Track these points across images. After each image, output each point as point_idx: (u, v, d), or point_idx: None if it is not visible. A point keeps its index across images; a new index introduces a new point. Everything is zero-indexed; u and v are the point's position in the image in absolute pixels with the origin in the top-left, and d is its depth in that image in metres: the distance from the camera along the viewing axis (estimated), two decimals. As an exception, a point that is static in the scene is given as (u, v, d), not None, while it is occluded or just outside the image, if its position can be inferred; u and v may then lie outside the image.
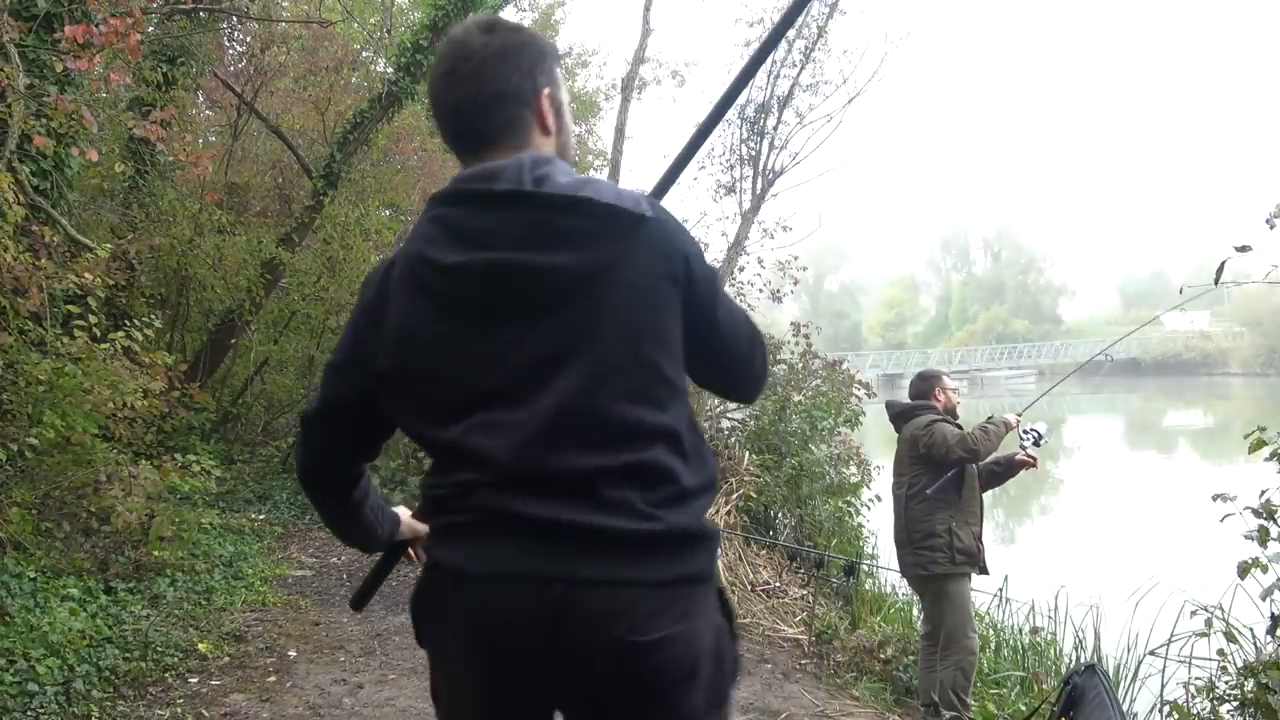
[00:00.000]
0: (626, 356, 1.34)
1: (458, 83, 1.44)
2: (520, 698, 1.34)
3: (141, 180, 8.48)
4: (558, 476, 1.31)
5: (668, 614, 1.31)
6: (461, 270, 1.35)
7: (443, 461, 1.41)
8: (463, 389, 1.36)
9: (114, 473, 5.00)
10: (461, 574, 1.35)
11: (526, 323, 1.34)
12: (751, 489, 7.44)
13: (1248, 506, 3.46)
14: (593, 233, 1.34)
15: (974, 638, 4.48)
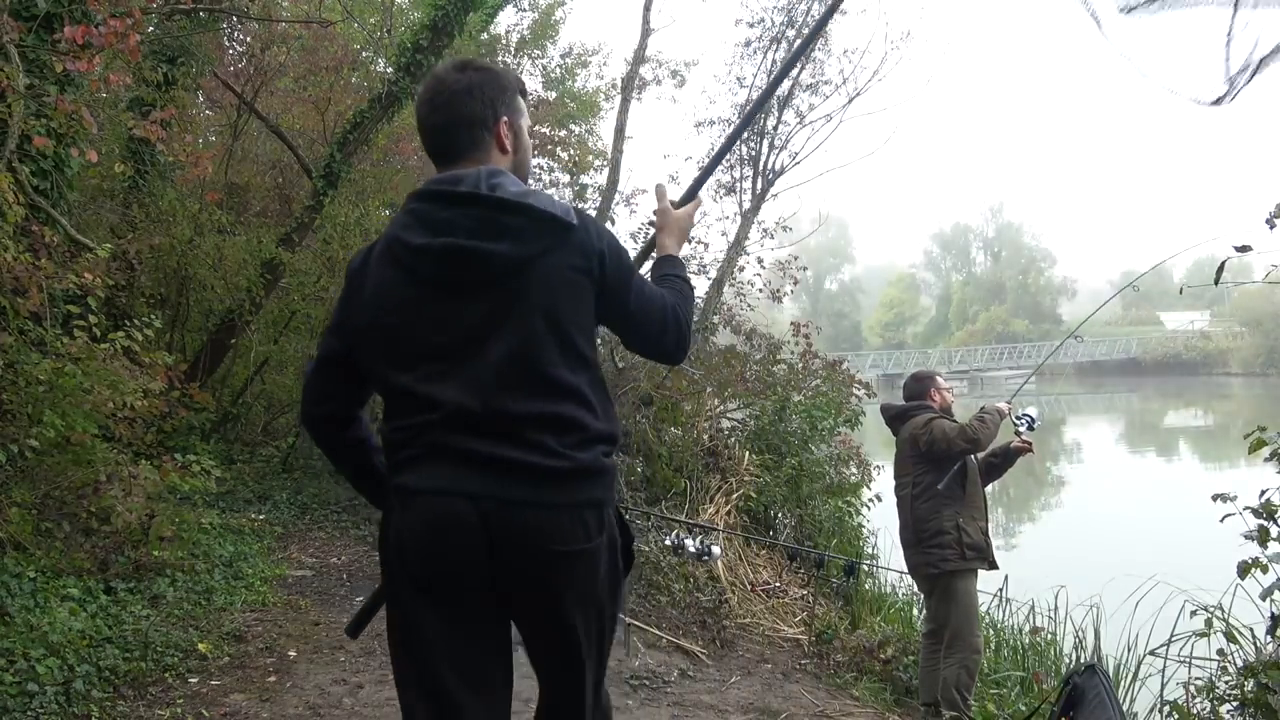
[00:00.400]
0: (547, 328, 1.74)
1: (434, 109, 1.88)
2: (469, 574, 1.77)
3: (141, 180, 8.47)
4: (492, 419, 1.72)
5: (576, 527, 1.76)
6: (425, 250, 1.75)
7: (399, 404, 1.78)
8: (419, 344, 1.76)
9: (114, 473, 5.00)
10: (411, 490, 1.74)
11: (473, 295, 1.74)
12: (751, 489, 7.44)
13: (1248, 506, 3.46)
14: (529, 231, 1.74)
15: (980, 636, 4.48)
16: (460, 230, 1.74)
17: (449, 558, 1.75)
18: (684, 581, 6.17)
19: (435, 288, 1.76)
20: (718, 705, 4.42)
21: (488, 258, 1.72)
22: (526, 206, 1.75)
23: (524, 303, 1.73)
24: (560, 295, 1.75)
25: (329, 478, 8.70)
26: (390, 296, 1.78)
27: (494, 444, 1.72)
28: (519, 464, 1.72)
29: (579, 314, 1.79)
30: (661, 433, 7.71)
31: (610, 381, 7.42)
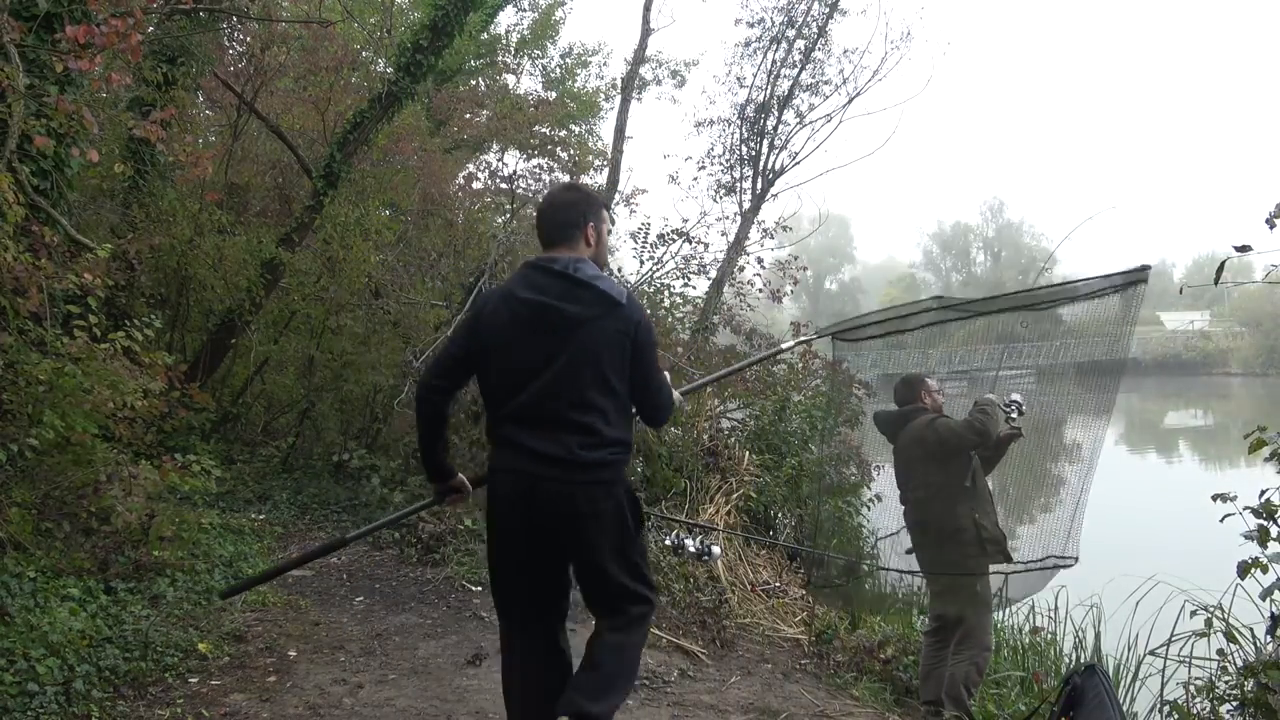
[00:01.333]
0: (590, 365, 2.73)
1: (546, 211, 2.95)
2: (519, 529, 2.82)
3: (141, 180, 8.46)
4: (540, 420, 2.74)
5: (587, 498, 2.75)
6: (526, 302, 2.77)
7: (492, 398, 2.84)
8: (511, 362, 2.78)
9: (114, 473, 5.00)
10: (494, 467, 2.88)
11: (549, 336, 2.74)
12: (751, 489, 7.44)
13: (1248, 506, 3.46)
14: (591, 301, 2.75)
15: (992, 635, 4.49)
16: (550, 293, 2.75)
17: (512, 513, 2.82)
18: (684, 581, 6.17)
19: (527, 327, 2.75)
20: (718, 705, 4.42)
21: (562, 313, 2.73)
22: (593, 286, 2.77)
23: (579, 346, 2.72)
24: (603, 345, 2.74)
25: (329, 478, 8.70)
26: (501, 327, 2.79)
27: (538, 439, 2.73)
28: (551, 455, 2.72)
29: (615, 360, 2.76)
30: (661, 433, 7.71)
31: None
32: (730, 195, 14.66)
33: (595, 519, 2.75)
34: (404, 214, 10.82)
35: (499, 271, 7.97)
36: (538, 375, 2.73)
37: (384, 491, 7.52)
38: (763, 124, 14.37)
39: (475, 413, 7.63)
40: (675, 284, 9.29)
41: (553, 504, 2.73)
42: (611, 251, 13.53)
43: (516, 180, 11.60)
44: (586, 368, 2.72)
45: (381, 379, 8.79)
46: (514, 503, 2.79)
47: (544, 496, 2.73)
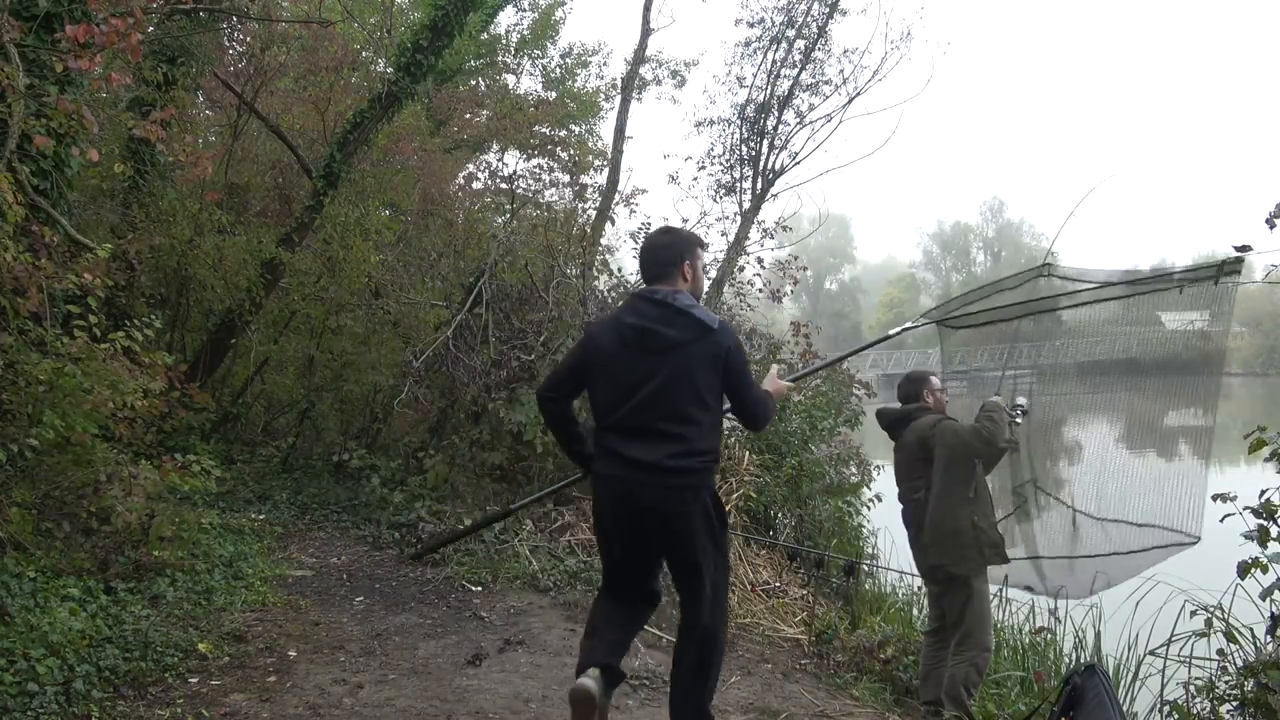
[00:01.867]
0: (685, 382, 3.11)
1: (647, 253, 3.36)
2: (617, 528, 3.24)
3: (141, 180, 8.47)
4: (638, 430, 3.12)
5: (677, 500, 3.11)
6: (631, 326, 3.18)
7: (599, 411, 3.23)
8: (616, 378, 3.17)
9: (114, 473, 5.00)
10: (598, 474, 3.25)
11: (649, 356, 3.13)
12: (751, 489, 7.44)
13: (1248, 506, 3.46)
14: (687, 327, 3.14)
15: (991, 636, 4.48)
16: (651, 319, 3.16)
17: (611, 514, 3.23)
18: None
19: (631, 348, 3.16)
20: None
21: (662, 336, 3.13)
22: (689, 313, 3.16)
23: (675, 365, 3.11)
24: (697, 365, 3.12)
25: (329, 478, 8.71)
26: (607, 348, 3.22)
27: (636, 447, 3.11)
28: (646, 462, 3.10)
29: (707, 379, 3.14)
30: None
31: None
32: (730, 195, 14.67)
33: (684, 520, 3.13)
34: (404, 214, 10.82)
35: (499, 271, 7.97)
36: (638, 390, 3.12)
37: (384, 491, 7.52)
38: (763, 124, 14.38)
39: (475, 413, 7.64)
40: (675, 284, 9.26)
41: (646, 507, 3.13)
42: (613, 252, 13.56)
43: (516, 180, 11.59)
44: (682, 385, 3.11)
45: (381, 379, 8.79)
46: (613, 505, 3.22)
47: (639, 500, 3.14)
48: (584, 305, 7.75)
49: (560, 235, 8.53)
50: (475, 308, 7.90)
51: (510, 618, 5.45)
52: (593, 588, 5.97)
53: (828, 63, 14.43)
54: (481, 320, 7.84)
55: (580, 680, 3.09)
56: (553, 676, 4.58)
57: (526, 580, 6.03)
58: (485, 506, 6.96)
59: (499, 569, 6.15)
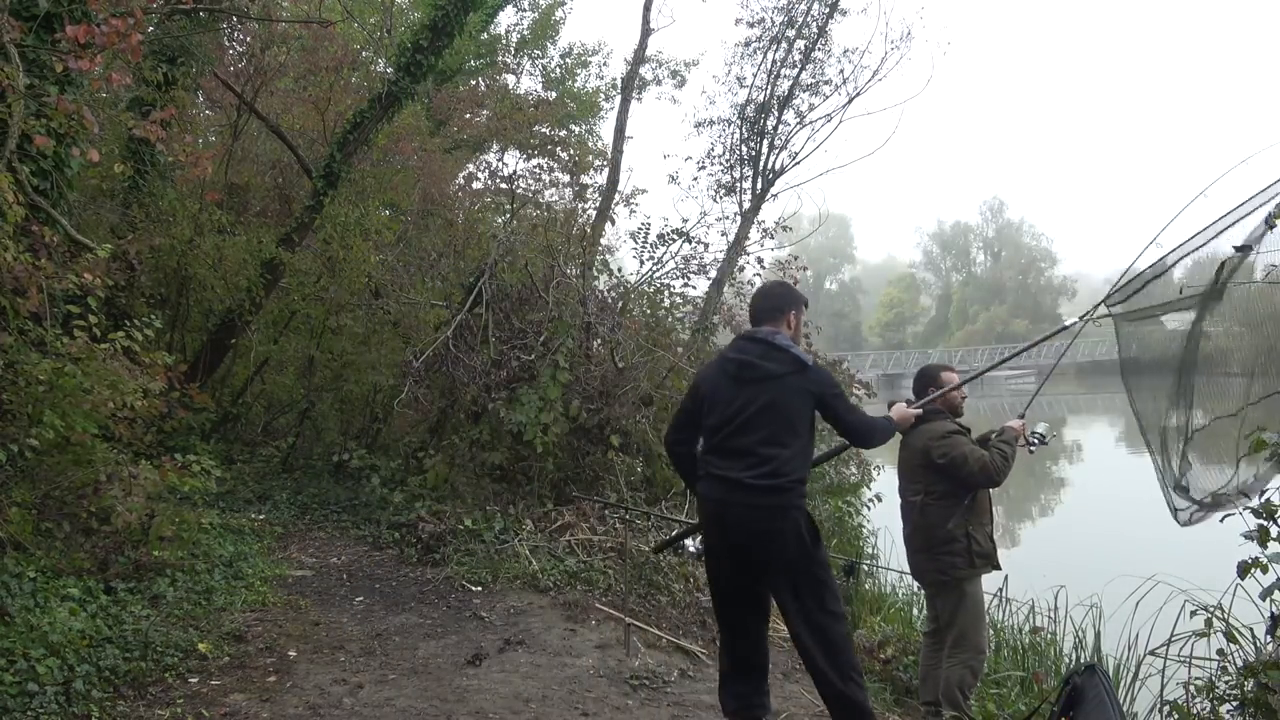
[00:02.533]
0: (778, 411, 3.44)
1: (759, 298, 3.76)
2: (719, 545, 3.53)
3: (141, 180, 8.47)
4: (734, 452, 3.44)
5: (768, 517, 3.39)
6: (733, 360, 3.57)
7: (707, 439, 3.57)
8: (720, 408, 3.52)
9: (114, 473, 5.00)
10: (700, 495, 3.58)
11: (748, 385, 3.49)
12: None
13: (1248, 506, 3.46)
14: (785, 362, 3.49)
15: (985, 638, 4.46)
16: (752, 354, 3.54)
17: (713, 532, 3.55)
18: (684, 581, 6.17)
19: (733, 379, 3.53)
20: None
21: (761, 369, 3.49)
22: (788, 351, 3.52)
23: (772, 396, 3.45)
24: (792, 397, 3.46)
25: (329, 478, 8.71)
26: (713, 380, 3.61)
27: (731, 468, 3.44)
28: (739, 481, 3.41)
29: (800, 409, 3.47)
30: (662, 433, 7.71)
31: (610, 382, 7.43)
32: (730, 195, 14.62)
33: (778, 536, 3.38)
34: (404, 214, 10.82)
35: (499, 271, 7.97)
36: (736, 417, 3.47)
37: (384, 491, 7.53)
38: (763, 124, 14.34)
39: (475, 413, 7.64)
40: (675, 284, 9.27)
41: (741, 524, 3.42)
42: (613, 251, 13.56)
43: (516, 180, 11.59)
44: (774, 412, 3.43)
45: (381, 379, 8.79)
46: (714, 523, 3.53)
47: (734, 518, 3.43)
48: (584, 305, 7.75)
49: (560, 235, 8.53)
50: (475, 308, 7.90)
51: (510, 618, 5.45)
52: (593, 588, 5.97)
53: (828, 63, 14.39)
54: (481, 320, 7.83)
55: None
56: (553, 676, 4.58)
57: (526, 580, 6.03)
58: (485, 506, 6.95)
59: (499, 569, 6.15)
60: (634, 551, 6.32)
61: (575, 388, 7.24)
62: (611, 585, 6.01)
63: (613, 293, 8.73)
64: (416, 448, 8.15)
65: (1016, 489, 16.20)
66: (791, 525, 3.38)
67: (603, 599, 5.78)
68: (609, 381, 7.44)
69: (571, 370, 7.16)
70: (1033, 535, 13.95)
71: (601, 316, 7.84)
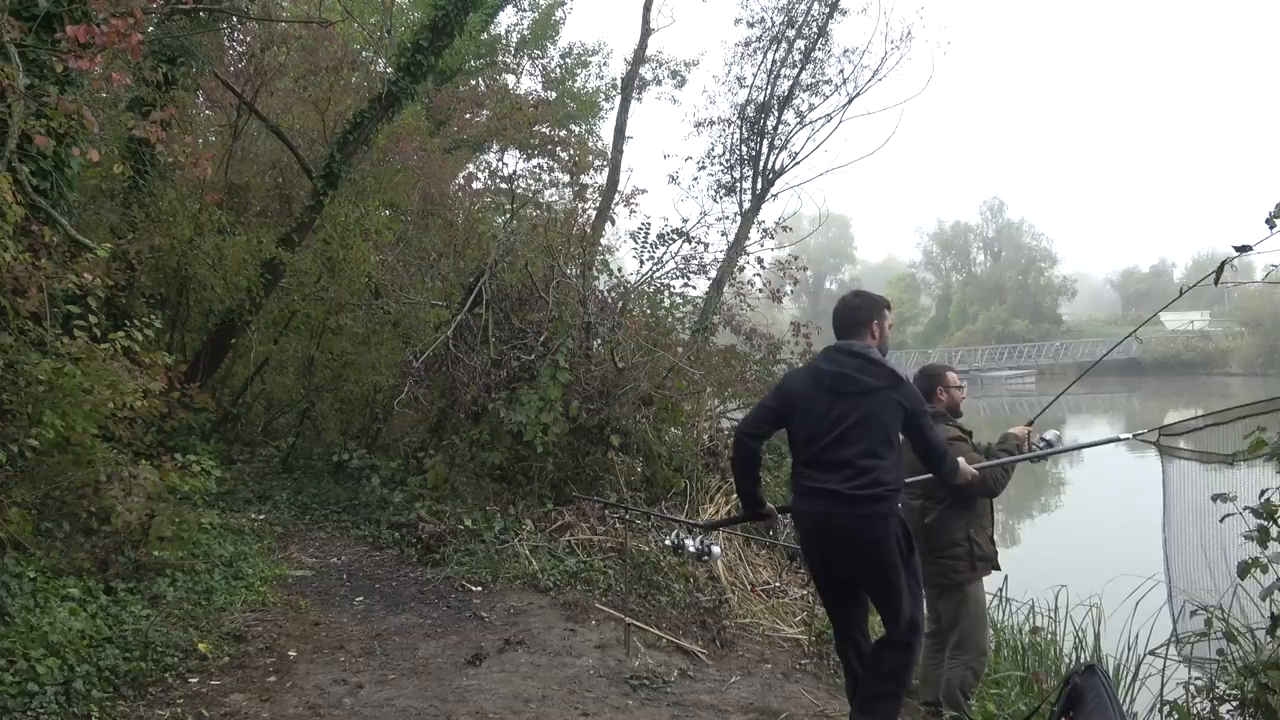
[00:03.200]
0: (875, 423, 3.51)
1: (842, 311, 3.76)
2: (818, 552, 3.66)
3: (141, 180, 8.46)
4: (829, 463, 3.50)
5: (868, 526, 3.46)
6: (828, 372, 3.60)
7: (797, 449, 3.64)
8: (813, 418, 3.57)
9: (114, 473, 5.00)
10: (796, 510, 3.69)
11: (844, 398, 3.53)
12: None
13: (1248, 506, 3.46)
14: (880, 376, 3.56)
15: (987, 639, 4.46)
16: (848, 367, 3.59)
17: (812, 541, 3.68)
18: (684, 581, 6.16)
19: (828, 391, 3.57)
20: (718, 705, 4.42)
21: (858, 381, 3.55)
22: (884, 365, 3.62)
23: (868, 408, 3.52)
24: (887, 410, 3.54)
25: (329, 478, 8.70)
26: (805, 390, 3.64)
27: (830, 479, 3.50)
28: (835, 492, 3.48)
29: (892, 422, 3.56)
30: (661, 433, 7.71)
31: (610, 382, 7.42)
32: (730, 195, 14.63)
33: (877, 544, 3.49)
34: (404, 214, 10.82)
35: (499, 271, 7.97)
36: (833, 429, 3.53)
37: (384, 491, 7.52)
38: (763, 124, 14.35)
39: (475, 413, 7.63)
40: (675, 284, 9.26)
41: (841, 532, 3.54)
42: (613, 252, 13.54)
43: (516, 180, 11.59)
44: (872, 424, 3.52)
45: (381, 379, 8.79)
46: (813, 533, 3.66)
47: (834, 527, 3.55)
48: (584, 305, 7.75)
49: (560, 235, 8.52)
50: (475, 308, 7.90)
51: (510, 618, 5.45)
52: (593, 588, 5.98)
53: (828, 63, 14.41)
54: (481, 320, 7.83)
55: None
56: (553, 676, 4.58)
57: (526, 580, 6.03)
58: (485, 506, 6.95)
59: (499, 569, 6.15)
60: (634, 551, 6.32)
61: (575, 388, 7.24)
62: (611, 585, 6.01)
63: (613, 293, 8.72)
64: (416, 448, 8.15)
65: (1016, 489, 16.12)
66: (892, 533, 3.50)
67: (603, 599, 5.78)
68: (609, 381, 7.43)
69: (571, 370, 7.16)
70: (1033, 535, 13.94)
71: (601, 316, 7.83)
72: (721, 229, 13.94)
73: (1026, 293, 65.65)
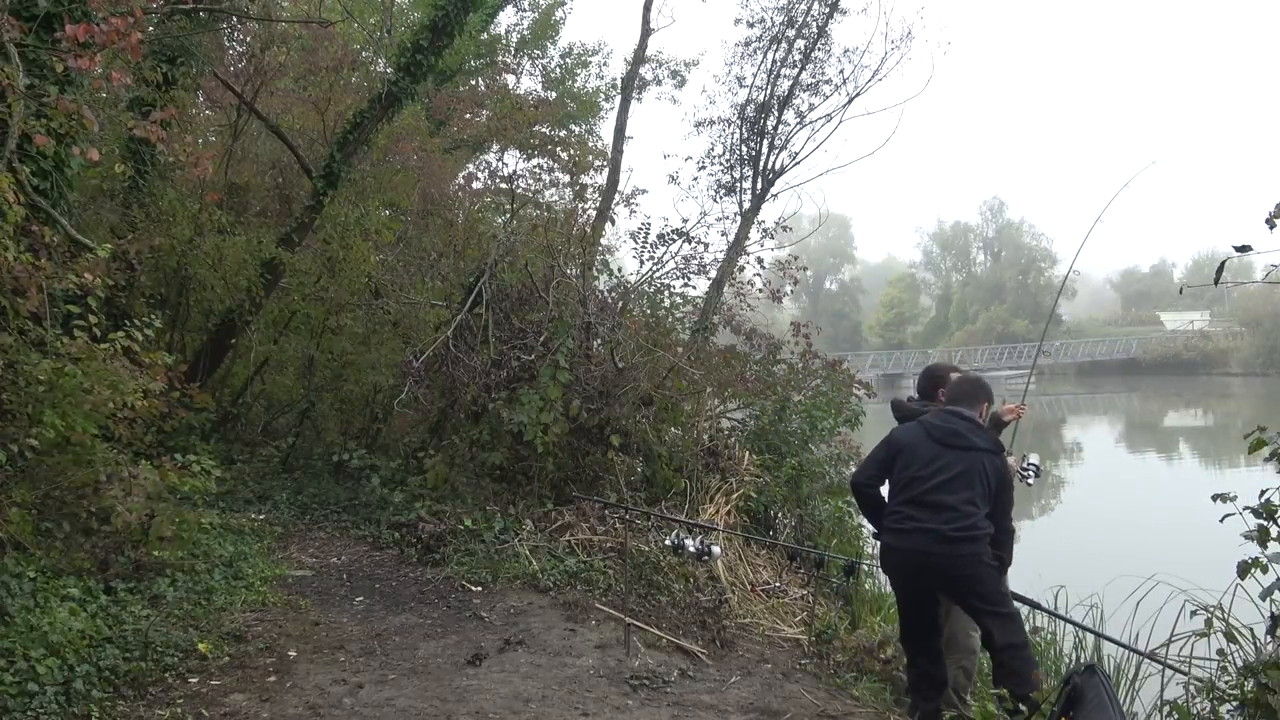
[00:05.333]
0: (975, 476, 4.12)
1: (962, 384, 4.50)
2: (905, 583, 4.31)
3: (141, 180, 8.46)
4: (932, 505, 4.11)
5: (961, 563, 4.06)
6: (939, 427, 4.26)
7: (898, 490, 4.25)
8: (918, 464, 4.19)
9: (114, 473, 5.00)
10: (888, 545, 4.29)
11: (951, 450, 4.17)
12: (751, 489, 7.44)
13: (1248, 506, 3.45)
14: (987, 440, 4.25)
15: (975, 637, 4.47)
16: (960, 427, 4.19)
17: (902, 572, 4.25)
18: (684, 581, 6.16)
19: (937, 443, 4.17)
20: (718, 705, 4.42)
21: (967, 439, 4.15)
22: (987, 433, 4.23)
23: (971, 462, 4.10)
24: (985, 467, 4.11)
25: (329, 478, 8.70)
26: (914, 441, 4.24)
27: (930, 518, 4.06)
28: (937, 531, 4.04)
29: (989, 481, 4.11)
30: (661, 433, 7.71)
31: (610, 382, 7.42)
32: (730, 195, 14.63)
33: (971, 580, 4.03)
34: (404, 214, 10.81)
35: (499, 271, 7.96)
36: (938, 475, 4.09)
37: (384, 491, 7.52)
38: (763, 124, 14.35)
39: (475, 413, 7.63)
40: (675, 284, 9.26)
41: (940, 570, 4.06)
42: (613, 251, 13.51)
43: (516, 180, 11.58)
44: (974, 478, 4.08)
45: (381, 379, 8.78)
46: (913, 570, 4.16)
47: (930, 565, 4.06)
48: (584, 305, 7.74)
49: (560, 235, 8.52)
50: (475, 308, 7.90)
51: (510, 618, 5.45)
52: (593, 588, 5.98)
53: (828, 62, 14.40)
54: (481, 320, 7.83)
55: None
56: (553, 676, 4.58)
57: (526, 580, 6.03)
58: (485, 506, 6.95)
59: (499, 569, 6.15)
60: (634, 551, 6.32)
61: (575, 388, 7.24)
62: (611, 585, 6.01)
63: (613, 293, 8.72)
64: (416, 448, 8.15)
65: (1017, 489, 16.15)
66: (984, 568, 4.05)
67: (603, 599, 5.78)
68: (609, 381, 7.43)
69: (571, 370, 7.15)
70: (1033, 535, 13.93)
71: (601, 316, 7.83)
72: (721, 229, 13.95)
73: (1026, 293, 65.66)
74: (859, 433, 9.28)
